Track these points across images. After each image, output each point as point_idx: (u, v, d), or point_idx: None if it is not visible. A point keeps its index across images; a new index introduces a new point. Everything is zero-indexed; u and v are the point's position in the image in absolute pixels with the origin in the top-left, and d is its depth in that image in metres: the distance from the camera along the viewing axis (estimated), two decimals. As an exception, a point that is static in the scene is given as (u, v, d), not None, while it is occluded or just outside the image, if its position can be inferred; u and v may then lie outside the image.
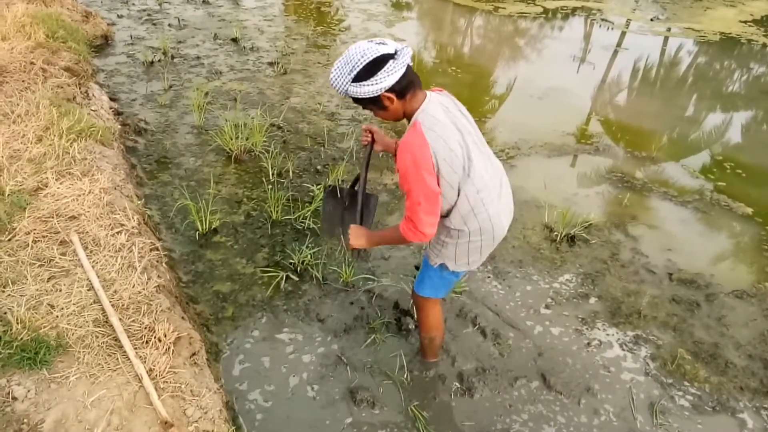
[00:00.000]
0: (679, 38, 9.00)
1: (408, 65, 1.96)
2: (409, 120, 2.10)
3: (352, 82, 1.92)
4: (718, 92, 7.33)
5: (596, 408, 2.76)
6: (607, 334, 3.21)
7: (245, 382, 2.77)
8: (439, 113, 2.05)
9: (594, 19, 9.75)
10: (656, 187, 4.75)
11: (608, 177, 4.86)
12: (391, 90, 1.95)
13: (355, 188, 2.59)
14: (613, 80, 7.39)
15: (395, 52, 1.91)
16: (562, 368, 2.96)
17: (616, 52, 8.24)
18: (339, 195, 2.59)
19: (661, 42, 8.86)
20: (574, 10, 10.22)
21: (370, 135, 2.49)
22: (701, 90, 7.37)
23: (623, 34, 9.12)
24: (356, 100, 2.01)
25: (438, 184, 2.04)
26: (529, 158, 5.08)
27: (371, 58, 1.88)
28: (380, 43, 1.91)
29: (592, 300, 3.45)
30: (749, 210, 4.48)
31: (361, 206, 2.41)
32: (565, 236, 3.94)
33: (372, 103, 2.02)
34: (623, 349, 3.11)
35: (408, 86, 1.99)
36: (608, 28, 9.34)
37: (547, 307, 3.37)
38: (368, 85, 1.91)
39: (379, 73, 1.89)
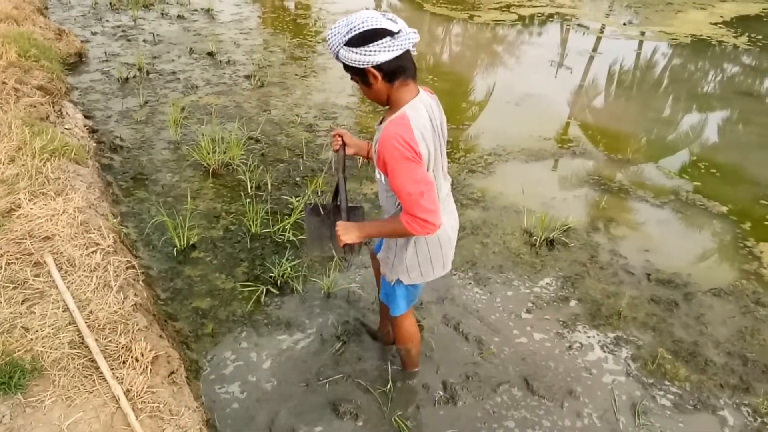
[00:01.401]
0: (652, 41, 9.15)
1: (408, 50, 1.90)
2: (392, 108, 2.02)
3: (345, 45, 1.84)
4: (692, 94, 7.45)
5: (579, 411, 2.77)
6: (588, 337, 3.23)
7: (226, 399, 2.73)
8: (425, 117, 1.98)
9: (569, 25, 9.88)
10: (633, 189, 4.80)
11: (586, 180, 4.91)
12: (378, 68, 1.88)
13: (337, 201, 2.55)
14: (588, 84, 7.48)
15: (398, 32, 1.83)
16: (544, 372, 2.96)
17: (591, 57, 8.35)
18: (321, 212, 2.53)
19: (635, 46, 9.00)
20: (549, 16, 10.35)
21: (340, 139, 2.38)
22: (675, 92, 7.48)
23: (598, 39, 9.24)
24: (345, 67, 1.95)
25: None
26: (507, 164, 5.11)
27: (370, 28, 1.80)
28: (390, 18, 1.84)
29: (573, 303, 3.47)
30: (724, 209, 4.55)
31: (345, 204, 2.35)
32: (544, 240, 3.96)
33: (357, 74, 1.94)
34: (604, 351, 3.13)
35: (398, 71, 1.91)
36: (582, 33, 9.47)
37: (528, 311, 3.38)
38: (357, 53, 1.83)
39: (371, 44, 1.82)
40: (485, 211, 4.31)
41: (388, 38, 1.82)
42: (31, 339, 2.42)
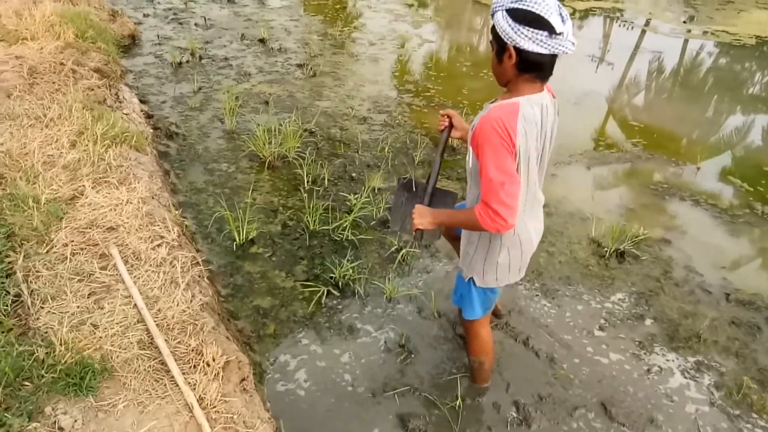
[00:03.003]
0: (714, 41, 8.77)
1: (554, 55, 1.80)
2: (508, 92, 1.93)
3: (506, 10, 1.76)
4: (764, 99, 7.10)
5: (662, 441, 2.61)
6: (667, 360, 3.04)
7: (291, 405, 2.63)
8: (537, 116, 1.88)
9: (624, 22, 9.53)
10: (704, 199, 4.56)
11: (654, 188, 4.68)
12: (518, 51, 1.79)
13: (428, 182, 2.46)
14: (651, 85, 7.18)
15: (559, 33, 1.73)
16: (622, 397, 2.80)
17: (636, 54, 8.03)
18: (414, 189, 2.43)
19: (695, 45, 8.65)
20: (605, 11, 10.00)
21: (447, 120, 2.32)
22: (746, 97, 7.14)
23: (648, 35, 8.89)
24: (492, 28, 1.86)
25: None
26: (570, 167, 4.91)
27: (537, 12, 1.71)
28: (561, 15, 1.73)
29: (648, 322, 3.28)
30: (803, 226, 4.29)
31: (432, 188, 2.27)
32: (614, 251, 3.77)
33: (497, 42, 1.86)
34: (685, 377, 2.95)
35: (533, 67, 1.83)
36: (629, 28, 9.14)
37: (601, 328, 3.21)
38: (510, 26, 1.75)
39: (527, 27, 1.73)
40: (549, 217, 4.13)
41: (546, 33, 1.73)
42: (100, 337, 2.34)
